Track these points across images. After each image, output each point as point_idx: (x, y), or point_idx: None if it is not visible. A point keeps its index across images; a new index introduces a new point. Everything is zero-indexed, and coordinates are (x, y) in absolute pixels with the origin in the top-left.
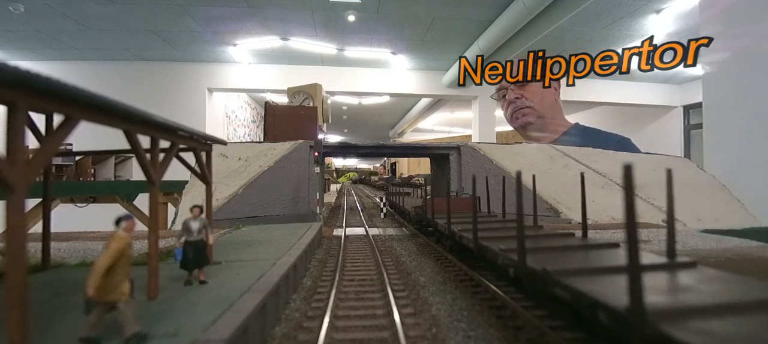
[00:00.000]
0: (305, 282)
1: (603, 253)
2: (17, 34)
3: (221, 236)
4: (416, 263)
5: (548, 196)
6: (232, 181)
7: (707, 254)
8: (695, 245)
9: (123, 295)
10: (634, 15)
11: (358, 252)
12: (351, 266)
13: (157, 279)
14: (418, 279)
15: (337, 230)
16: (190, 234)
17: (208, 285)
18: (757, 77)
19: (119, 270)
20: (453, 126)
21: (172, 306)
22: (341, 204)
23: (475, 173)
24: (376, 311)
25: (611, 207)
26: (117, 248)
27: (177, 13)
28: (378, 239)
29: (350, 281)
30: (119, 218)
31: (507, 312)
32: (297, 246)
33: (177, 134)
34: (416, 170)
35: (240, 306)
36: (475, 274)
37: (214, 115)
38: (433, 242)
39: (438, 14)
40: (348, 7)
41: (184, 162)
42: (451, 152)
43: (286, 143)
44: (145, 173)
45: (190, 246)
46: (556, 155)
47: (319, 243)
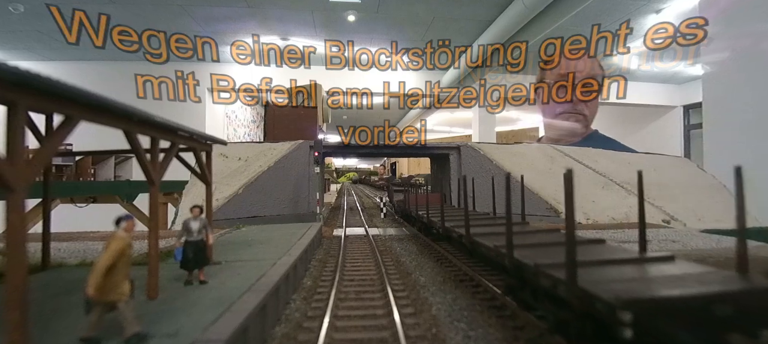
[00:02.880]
0: (305, 282)
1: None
2: (17, 35)
3: (221, 236)
4: (416, 263)
5: (548, 196)
6: (232, 181)
7: (707, 254)
8: (696, 245)
9: (123, 295)
10: (633, 15)
11: (358, 252)
12: (351, 266)
13: (157, 279)
14: (418, 279)
15: (337, 230)
16: (190, 234)
17: (208, 285)
18: (757, 77)
19: (119, 271)
20: (453, 126)
21: (172, 306)
22: (341, 204)
23: (476, 173)
24: (376, 311)
25: (611, 207)
26: (117, 249)
27: (177, 13)
28: (378, 239)
29: (350, 281)
30: (119, 218)
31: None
32: (297, 246)
33: (177, 134)
34: (416, 170)
35: (240, 306)
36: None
37: (214, 115)
38: (417, 231)
39: (438, 14)
40: (348, 7)
41: (184, 162)
42: (452, 152)
43: (285, 143)
44: (145, 174)
45: (190, 246)
46: (556, 155)
47: (319, 243)
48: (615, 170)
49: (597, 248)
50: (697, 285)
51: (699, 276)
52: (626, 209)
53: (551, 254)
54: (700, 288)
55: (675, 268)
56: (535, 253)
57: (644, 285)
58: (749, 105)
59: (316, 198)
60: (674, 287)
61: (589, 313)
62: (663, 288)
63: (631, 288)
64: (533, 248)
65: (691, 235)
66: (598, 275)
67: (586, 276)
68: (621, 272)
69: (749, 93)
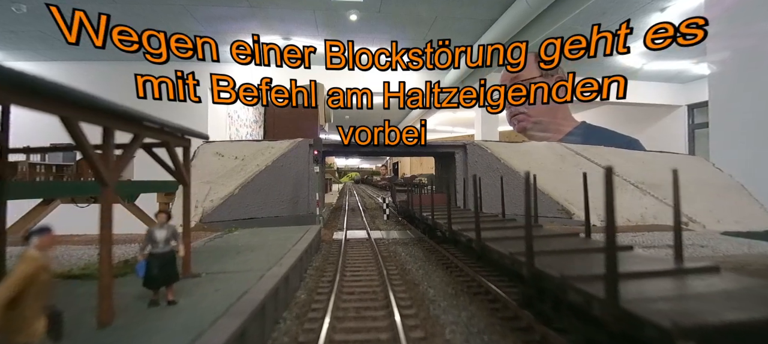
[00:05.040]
0: (299, 295)
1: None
2: (20, 35)
3: (210, 241)
4: (423, 271)
5: (559, 197)
6: (228, 181)
7: (744, 261)
8: (725, 250)
9: (33, 337)
10: (637, 13)
11: (359, 258)
12: (351, 275)
13: (109, 302)
14: (426, 292)
15: (338, 233)
16: (155, 245)
17: (177, 307)
18: (765, 75)
19: (27, 303)
20: (455, 126)
21: (126, 336)
22: (343, 205)
23: (483, 173)
24: (380, 334)
25: (625, 208)
26: (24, 274)
27: (179, 13)
28: (381, 244)
29: (350, 294)
30: (30, 231)
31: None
32: (291, 253)
33: (142, 125)
34: (419, 169)
35: (211, 337)
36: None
37: (216, 115)
38: (421, 234)
39: (440, 13)
40: (350, 7)
41: (157, 159)
42: (457, 151)
43: (285, 142)
44: (93, 172)
45: (155, 260)
46: (567, 154)
47: (317, 248)
48: (629, 170)
49: (627, 258)
50: (760, 306)
51: (758, 293)
52: (642, 211)
53: (575, 263)
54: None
55: (724, 282)
56: (556, 261)
57: (700, 305)
58: (756, 104)
59: (316, 199)
60: (736, 308)
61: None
62: (724, 310)
63: (686, 309)
64: (554, 256)
65: (713, 238)
66: (637, 290)
67: (623, 293)
68: (663, 287)
69: (756, 92)
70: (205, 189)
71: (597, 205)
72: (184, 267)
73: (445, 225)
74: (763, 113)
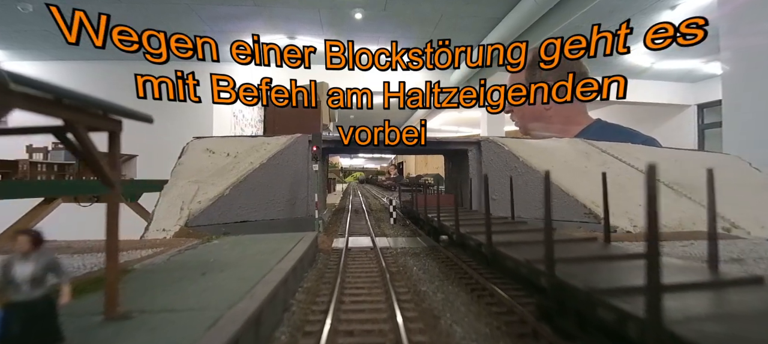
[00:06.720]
0: (278, 337)
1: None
2: (25, 34)
3: (179, 253)
4: (443, 295)
5: (585, 198)
6: (219, 180)
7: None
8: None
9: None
10: (647, 11)
11: (362, 275)
12: (351, 301)
13: None
14: (452, 331)
15: (338, 240)
16: (17, 290)
17: None
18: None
19: None
20: (461, 125)
21: None
22: (346, 206)
23: (500, 172)
24: None
25: (661, 212)
26: None
27: (183, 12)
28: (388, 254)
29: (348, 334)
30: None
31: None
32: (272, 275)
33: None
34: (424, 169)
35: None
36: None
37: (221, 114)
38: (426, 234)
39: (445, 12)
40: (355, 5)
41: (66, 143)
42: (470, 149)
43: (281, 138)
44: None
45: (18, 311)
46: (592, 152)
47: (312, 260)
48: (661, 169)
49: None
50: None
51: None
52: (679, 215)
53: (601, 272)
54: None
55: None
56: (578, 270)
57: (754, 327)
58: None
59: (316, 200)
60: None
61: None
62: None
63: (743, 333)
64: (575, 264)
65: (763, 245)
66: (680, 308)
67: (665, 310)
68: (705, 302)
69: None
70: (192, 189)
71: (628, 208)
72: (108, 305)
73: (452, 228)
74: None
